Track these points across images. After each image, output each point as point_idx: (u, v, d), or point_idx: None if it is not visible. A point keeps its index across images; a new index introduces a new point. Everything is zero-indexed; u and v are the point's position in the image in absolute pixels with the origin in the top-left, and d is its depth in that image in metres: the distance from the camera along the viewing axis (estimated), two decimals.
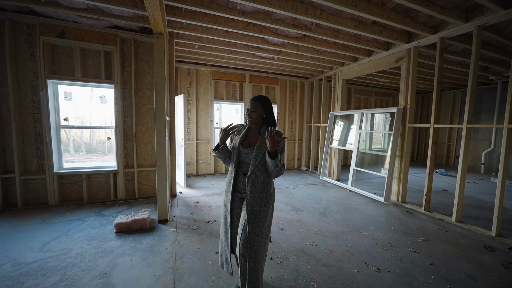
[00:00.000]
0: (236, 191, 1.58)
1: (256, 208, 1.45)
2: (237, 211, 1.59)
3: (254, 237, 1.43)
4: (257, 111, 1.56)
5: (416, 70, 3.70)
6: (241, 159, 1.55)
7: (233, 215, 1.58)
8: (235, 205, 1.58)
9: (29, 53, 3.20)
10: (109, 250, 2.25)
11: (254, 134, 1.60)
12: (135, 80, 3.61)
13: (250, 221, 1.44)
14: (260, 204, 1.46)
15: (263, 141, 1.53)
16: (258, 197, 1.47)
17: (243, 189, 1.55)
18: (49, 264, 2.02)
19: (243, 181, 1.54)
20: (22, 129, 3.25)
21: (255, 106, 1.56)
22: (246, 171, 1.52)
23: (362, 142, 6.84)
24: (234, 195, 1.58)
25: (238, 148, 1.56)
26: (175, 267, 2.03)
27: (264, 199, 1.48)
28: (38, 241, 2.40)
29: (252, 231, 1.44)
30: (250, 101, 1.58)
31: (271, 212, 1.55)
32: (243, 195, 1.56)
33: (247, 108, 1.60)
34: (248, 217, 1.44)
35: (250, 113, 1.57)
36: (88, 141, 10.99)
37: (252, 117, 1.57)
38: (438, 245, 2.54)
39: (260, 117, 1.58)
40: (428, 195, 3.47)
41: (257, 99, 1.57)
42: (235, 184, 1.56)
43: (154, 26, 2.51)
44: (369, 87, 7.42)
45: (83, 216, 3.02)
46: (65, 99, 3.45)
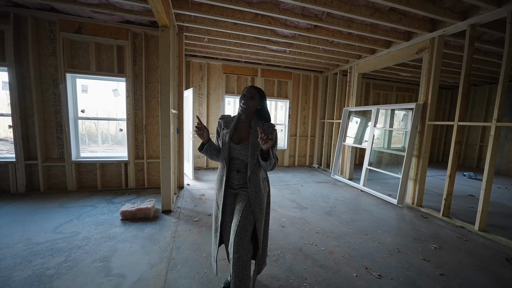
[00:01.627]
0: (229, 187, 1.54)
1: (261, 206, 1.47)
2: (229, 208, 1.55)
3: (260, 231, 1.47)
4: (254, 99, 1.47)
5: (440, 61, 3.35)
6: (232, 155, 1.49)
7: (225, 212, 1.55)
8: (227, 201, 1.55)
9: (51, 48, 3.41)
10: (113, 236, 2.36)
11: (244, 127, 1.52)
12: (145, 73, 3.71)
13: (258, 219, 1.46)
14: (263, 201, 1.49)
15: (256, 136, 1.46)
16: (261, 195, 1.48)
17: (237, 185, 1.51)
18: (57, 245, 2.17)
19: (238, 178, 1.50)
20: (44, 120, 3.50)
21: (253, 93, 1.47)
22: (239, 168, 1.49)
23: (377, 141, 6.47)
24: (227, 192, 1.54)
25: (229, 144, 1.48)
26: (171, 256, 2.07)
27: (265, 194, 1.52)
28: (52, 223, 2.59)
29: (259, 228, 1.46)
30: (247, 88, 1.48)
31: (268, 201, 1.60)
32: (237, 191, 1.53)
33: (242, 94, 1.47)
34: (256, 216, 1.45)
35: (247, 100, 1.45)
36: (114, 133, 11.71)
37: (249, 104, 1.46)
38: (453, 254, 2.31)
39: (255, 107, 1.49)
40: (448, 200, 3.18)
41: (255, 87, 1.50)
42: (227, 181, 1.52)
43: (159, 19, 2.52)
44: (390, 82, 6.94)
45: (95, 203, 3.21)
46: (82, 92, 3.65)
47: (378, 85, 6.88)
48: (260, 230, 1.48)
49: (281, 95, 6.11)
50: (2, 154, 4.13)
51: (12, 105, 3.27)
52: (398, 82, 6.99)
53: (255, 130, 1.47)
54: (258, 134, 1.39)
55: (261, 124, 1.49)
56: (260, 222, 1.47)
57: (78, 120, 3.66)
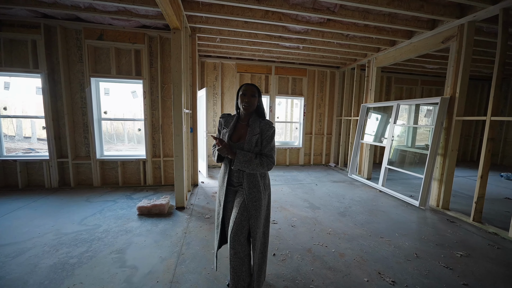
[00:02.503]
0: (230, 184, 1.56)
1: (256, 203, 1.45)
2: (230, 205, 1.57)
3: (256, 230, 1.44)
4: (255, 96, 1.49)
5: (470, 50, 3.04)
6: None
7: (226, 209, 1.57)
8: (229, 198, 1.57)
9: (78, 55, 3.70)
10: (129, 230, 2.51)
11: (243, 126, 1.54)
12: (161, 75, 3.87)
13: (252, 216, 1.44)
14: (259, 198, 1.47)
15: (252, 134, 1.47)
16: (256, 191, 1.47)
17: (237, 183, 1.53)
18: (81, 236, 2.35)
19: (237, 176, 1.51)
20: (73, 121, 3.82)
21: (253, 91, 1.49)
22: None
23: (400, 138, 6.06)
24: (228, 189, 1.56)
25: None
26: (181, 251, 2.14)
27: (263, 192, 1.49)
28: (79, 216, 2.83)
29: (253, 226, 1.44)
30: (247, 86, 1.49)
31: (267, 202, 1.56)
32: (237, 188, 1.54)
33: (243, 93, 1.48)
34: (250, 212, 1.44)
35: (249, 98, 1.46)
36: (139, 132, 12.45)
37: (251, 102, 1.47)
38: (481, 263, 2.10)
39: (256, 104, 1.51)
40: (480, 203, 2.88)
41: (252, 85, 1.52)
42: (229, 178, 1.55)
43: (170, 21, 2.61)
44: (414, 75, 6.46)
45: (116, 198, 3.43)
46: (104, 95, 3.90)
47: (400, 79, 6.45)
48: (255, 229, 1.44)
49: (295, 93, 6.00)
50: (39, 153, 4.57)
51: (45, 108, 3.60)
52: (423, 75, 6.48)
53: (252, 127, 1.48)
54: (254, 131, 1.46)
55: (259, 122, 1.51)
56: (255, 219, 1.44)
57: (101, 121, 3.93)
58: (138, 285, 1.71)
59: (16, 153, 8.02)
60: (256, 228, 1.45)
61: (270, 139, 1.48)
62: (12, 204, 3.08)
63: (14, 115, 4.78)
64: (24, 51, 3.51)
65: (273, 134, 1.49)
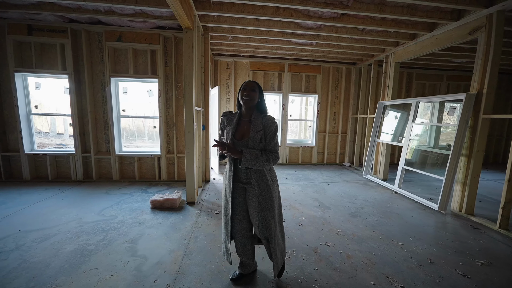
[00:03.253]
0: (238, 181, 1.59)
1: (266, 196, 1.52)
2: (237, 201, 1.60)
3: (270, 221, 1.53)
4: (255, 91, 1.52)
5: (500, 42, 2.78)
6: None
7: (234, 205, 1.60)
8: (236, 194, 1.59)
9: (100, 56, 3.94)
10: (142, 222, 2.65)
11: (245, 123, 1.55)
12: (175, 74, 4.00)
13: (264, 209, 1.51)
14: (269, 191, 1.52)
15: (255, 130, 1.49)
16: (265, 185, 1.52)
17: (245, 179, 1.56)
18: (99, 226, 2.53)
19: (245, 172, 1.54)
20: (95, 119, 4.08)
21: (253, 86, 1.52)
22: None
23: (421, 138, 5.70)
24: (236, 185, 1.59)
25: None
26: (188, 244, 2.22)
27: (271, 185, 1.55)
28: (98, 206, 3.03)
29: (267, 217, 1.52)
30: (247, 82, 1.53)
31: (278, 194, 1.63)
32: (245, 185, 1.57)
33: (243, 88, 1.52)
34: (261, 205, 1.51)
35: (249, 91, 1.50)
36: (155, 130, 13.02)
37: (252, 96, 1.50)
38: (504, 273, 1.93)
39: (256, 99, 1.54)
40: (507, 209, 2.65)
41: (253, 81, 1.56)
42: (235, 175, 1.58)
43: (181, 21, 2.68)
44: (439, 71, 6.04)
45: (132, 192, 3.62)
46: (123, 93, 4.13)
47: (423, 74, 6.06)
48: (269, 219, 1.52)
49: (309, 90, 5.89)
50: (69, 148, 4.96)
51: (72, 107, 3.89)
52: (450, 70, 6.03)
53: (255, 124, 1.50)
54: (257, 128, 1.49)
55: (261, 118, 1.52)
56: (267, 211, 1.51)
57: (120, 119, 4.16)
58: (146, 273, 1.81)
59: (49, 148, 8.79)
60: (270, 218, 1.52)
61: (274, 135, 1.51)
62: (42, 194, 3.38)
63: (44, 112, 5.22)
64: (53, 54, 3.81)
65: (276, 130, 1.52)
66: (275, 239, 1.54)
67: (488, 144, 6.71)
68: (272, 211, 1.53)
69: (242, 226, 1.61)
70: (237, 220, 1.60)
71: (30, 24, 3.60)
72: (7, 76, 3.74)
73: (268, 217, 1.52)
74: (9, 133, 3.91)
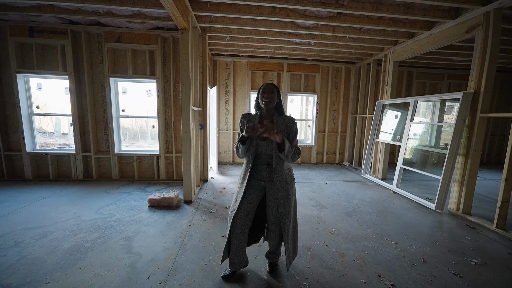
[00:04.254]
0: (258, 179, 1.64)
1: (285, 193, 1.60)
2: (250, 197, 1.63)
3: (285, 216, 1.60)
4: (274, 93, 1.59)
5: (498, 40, 2.75)
6: (259, 151, 1.60)
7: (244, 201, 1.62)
8: (251, 191, 1.64)
9: (99, 57, 4.00)
10: (139, 220, 2.68)
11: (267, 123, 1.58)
12: (173, 74, 4.04)
13: (281, 205, 1.59)
14: (287, 189, 1.61)
15: (279, 130, 1.57)
16: (285, 183, 1.60)
17: (268, 177, 1.62)
18: (97, 224, 2.57)
19: (268, 171, 1.61)
20: (95, 118, 4.14)
21: (272, 88, 1.59)
22: (269, 161, 1.60)
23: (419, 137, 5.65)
24: (254, 183, 1.64)
25: (256, 141, 1.58)
26: (183, 242, 2.25)
27: (289, 183, 1.63)
28: (97, 205, 3.08)
29: (283, 212, 1.60)
30: (266, 84, 1.60)
31: (294, 192, 1.71)
32: (266, 183, 1.63)
33: (262, 90, 1.59)
34: (279, 202, 1.59)
35: (269, 94, 1.57)
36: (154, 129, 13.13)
37: (272, 98, 1.57)
38: (497, 273, 1.92)
39: (276, 100, 1.61)
40: (504, 208, 2.63)
41: (272, 83, 1.62)
42: (255, 173, 1.63)
43: (177, 22, 2.71)
44: (440, 69, 5.98)
45: (131, 191, 3.67)
46: (122, 94, 4.18)
47: (423, 73, 6.01)
48: (284, 215, 1.60)
49: (308, 90, 5.88)
50: (72, 148, 5.03)
51: (72, 107, 3.96)
52: (451, 68, 5.97)
53: (278, 124, 1.59)
54: (280, 127, 1.58)
55: (283, 118, 1.62)
56: (283, 207, 1.59)
57: (119, 118, 4.22)
58: (140, 270, 1.84)
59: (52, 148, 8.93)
60: (285, 214, 1.60)
61: (296, 134, 1.62)
62: (43, 192, 3.45)
63: (45, 113, 5.31)
64: (54, 55, 3.88)
65: (297, 129, 1.64)
66: (288, 234, 1.61)
67: (490, 144, 6.63)
68: (289, 207, 1.61)
69: (243, 223, 1.63)
70: (240, 216, 1.62)
71: (31, 26, 3.67)
72: (9, 77, 3.82)
73: (284, 213, 1.59)
74: (11, 133, 3.99)
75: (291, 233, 1.65)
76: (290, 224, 1.63)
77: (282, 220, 1.60)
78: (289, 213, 1.62)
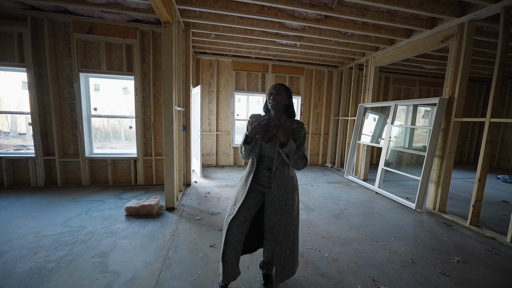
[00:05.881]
0: (258, 184, 1.54)
1: (282, 202, 1.48)
2: (249, 202, 1.52)
3: (280, 227, 1.48)
4: (281, 94, 1.49)
5: (470, 50, 2.97)
6: (262, 153, 1.52)
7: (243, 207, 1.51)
8: (250, 196, 1.53)
9: (66, 49, 3.56)
10: (115, 232, 2.40)
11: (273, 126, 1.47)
12: (153, 71, 3.75)
13: (277, 213, 1.48)
14: (286, 198, 1.49)
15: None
16: (284, 191, 1.48)
17: (268, 183, 1.51)
18: (63, 239, 2.24)
19: (268, 176, 1.51)
20: (61, 118, 3.68)
21: (280, 89, 1.50)
22: (270, 165, 1.50)
23: (397, 139, 6.01)
24: (254, 188, 1.54)
25: (260, 142, 1.50)
26: (167, 255, 2.04)
27: (290, 192, 1.50)
28: (63, 216, 2.71)
29: (277, 222, 1.48)
30: (274, 85, 1.51)
31: (297, 202, 1.57)
32: (266, 189, 1.52)
33: (270, 92, 1.50)
34: (275, 210, 1.48)
35: (275, 96, 1.48)
36: (131, 130, 12.28)
37: (278, 99, 1.48)
38: (479, 269, 2.03)
39: (284, 102, 1.51)
40: (477, 206, 2.82)
41: (281, 84, 1.53)
42: (257, 178, 1.53)
43: (160, 14, 2.49)
44: (412, 76, 6.41)
45: (105, 198, 3.31)
46: (94, 91, 3.77)
47: (399, 79, 6.39)
48: (279, 225, 1.48)
49: (292, 92, 5.89)
50: (30, 150, 4.43)
51: (31, 104, 3.46)
52: (421, 75, 6.43)
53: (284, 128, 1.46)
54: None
55: (290, 122, 1.51)
56: (279, 216, 1.48)
57: (91, 118, 3.81)
58: None
59: (7, 150, 7.83)
60: (280, 224, 1.48)
61: (303, 140, 1.48)
62: None
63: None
64: (10, 44, 3.37)
65: (305, 134, 1.50)
66: (280, 246, 1.49)
67: (462, 146, 7.27)
68: (286, 218, 1.49)
69: (239, 230, 1.50)
70: (238, 222, 1.49)
71: None
72: None
73: (279, 224, 1.48)
74: None
75: (287, 247, 1.50)
76: (286, 237, 1.49)
77: (276, 231, 1.49)
78: (285, 225, 1.49)
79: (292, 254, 1.55)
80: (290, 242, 1.53)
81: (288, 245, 1.52)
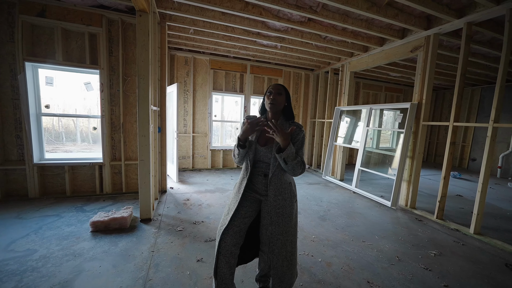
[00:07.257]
0: (254, 191, 1.43)
1: (279, 210, 1.36)
2: (243, 211, 1.40)
3: (277, 237, 1.36)
4: (281, 95, 1.39)
5: (434, 61, 3.28)
6: (257, 158, 1.40)
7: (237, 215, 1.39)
8: (245, 204, 1.41)
9: (9, 33, 2.94)
10: (79, 253, 2.02)
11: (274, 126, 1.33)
12: (123, 66, 3.33)
13: (273, 223, 1.36)
14: (283, 206, 1.37)
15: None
16: (281, 199, 1.37)
17: (264, 190, 1.40)
18: (8, 267, 1.79)
19: (264, 182, 1.39)
20: (1, 116, 3.02)
21: (280, 89, 1.40)
22: (266, 171, 1.39)
23: (369, 140, 6.46)
24: (249, 195, 1.43)
25: (255, 146, 1.38)
26: (147, 277, 1.77)
27: (288, 199, 1.39)
28: (5, 238, 2.19)
29: (274, 232, 1.36)
30: (273, 85, 1.41)
31: (295, 210, 1.46)
32: (262, 197, 1.41)
33: (269, 91, 1.39)
34: (272, 219, 1.36)
35: (275, 95, 1.37)
36: (95, 132, 10.89)
37: (277, 100, 1.37)
38: (454, 261, 2.21)
39: (283, 103, 1.41)
40: (442, 202, 3.12)
41: (280, 84, 1.44)
42: (253, 185, 1.42)
43: (134, 2, 2.19)
44: (379, 82, 6.96)
45: (62, 212, 2.80)
46: (46, 85, 3.19)
47: (368, 84, 6.87)
48: (276, 235, 1.35)
49: None
50: None
51: None
52: (387, 82, 7.02)
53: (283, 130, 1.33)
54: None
55: (288, 125, 1.40)
56: (275, 225, 1.36)
57: (41, 117, 3.21)
58: None
59: None
60: (277, 234, 1.36)
61: (301, 144, 1.36)
62: None
63: None
64: None
65: (303, 138, 1.37)
66: (278, 257, 1.37)
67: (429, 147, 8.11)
68: (283, 227, 1.37)
69: (233, 242, 1.35)
70: (231, 232, 1.35)
71: None
72: None
73: (276, 234, 1.35)
74: None
75: (284, 258, 1.39)
76: (284, 248, 1.38)
77: (272, 241, 1.36)
78: (283, 234, 1.38)
79: (290, 266, 1.44)
80: (288, 253, 1.42)
81: (286, 256, 1.41)
